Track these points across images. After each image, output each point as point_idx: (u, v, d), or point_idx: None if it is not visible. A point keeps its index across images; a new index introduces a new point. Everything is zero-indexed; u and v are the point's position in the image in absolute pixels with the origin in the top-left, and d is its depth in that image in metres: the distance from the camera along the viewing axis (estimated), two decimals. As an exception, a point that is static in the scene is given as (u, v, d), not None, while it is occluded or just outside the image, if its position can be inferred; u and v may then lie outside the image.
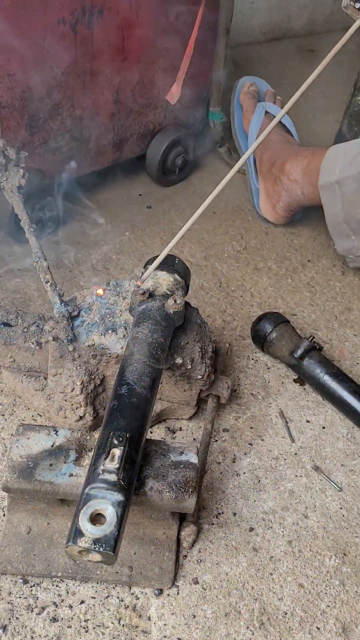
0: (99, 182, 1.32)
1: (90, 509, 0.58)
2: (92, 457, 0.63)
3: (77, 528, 0.56)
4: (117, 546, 0.56)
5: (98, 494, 0.59)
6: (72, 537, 0.56)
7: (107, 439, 0.62)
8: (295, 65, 1.98)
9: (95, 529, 0.56)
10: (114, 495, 0.59)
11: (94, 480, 0.59)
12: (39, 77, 1.03)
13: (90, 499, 0.58)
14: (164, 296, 0.80)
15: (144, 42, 1.15)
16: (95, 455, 0.62)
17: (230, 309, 1.10)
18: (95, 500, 0.58)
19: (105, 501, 0.58)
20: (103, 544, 0.55)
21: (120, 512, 0.58)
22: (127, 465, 0.61)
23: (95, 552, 0.55)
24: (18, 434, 0.71)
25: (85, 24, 1.04)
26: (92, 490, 0.59)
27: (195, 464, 0.70)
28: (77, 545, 0.55)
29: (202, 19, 1.15)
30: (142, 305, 0.79)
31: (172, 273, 0.83)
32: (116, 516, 0.57)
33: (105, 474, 0.60)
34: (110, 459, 0.61)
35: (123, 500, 0.59)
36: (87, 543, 0.55)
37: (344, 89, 1.40)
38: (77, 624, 0.68)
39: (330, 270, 1.20)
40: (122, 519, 0.58)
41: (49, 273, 0.82)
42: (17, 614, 0.68)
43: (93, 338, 0.82)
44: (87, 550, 0.55)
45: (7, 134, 1.04)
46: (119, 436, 0.62)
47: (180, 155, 1.32)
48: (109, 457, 0.61)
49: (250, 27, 2.05)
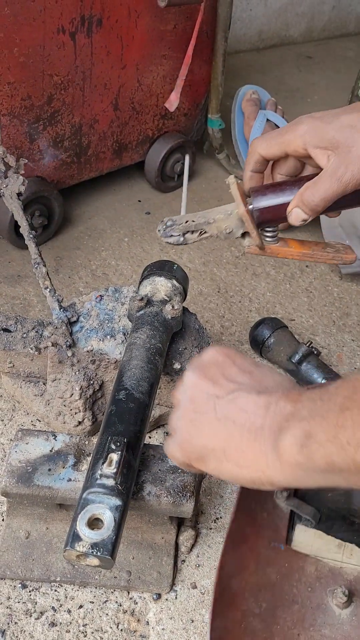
0: (98, 188, 1.33)
1: (88, 514, 0.58)
2: (90, 462, 0.64)
3: (74, 532, 0.57)
4: (114, 551, 0.56)
5: (96, 499, 0.59)
6: (70, 541, 0.56)
7: (105, 444, 0.63)
8: (293, 72, 2.00)
9: (93, 533, 0.56)
10: (111, 499, 0.59)
11: (92, 485, 0.60)
12: (39, 85, 1.04)
13: (88, 504, 0.59)
14: (162, 302, 0.81)
15: (143, 50, 1.16)
16: (93, 461, 0.63)
17: (228, 314, 1.10)
18: (93, 505, 0.58)
19: (103, 506, 0.58)
20: (100, 548, 0.56)
21: (118, 516, 0.58)
22: (125, 470, 0.61)
23: (93, 556, 0.56)
24: (17, 439, 0.71)
25: (85, 32, 1.05)
26: (90, 495, 0.59)
27: (193, 469, 0.71)
28: (74, 549, 0.56)
29: (201, 27, 1.16)
30: (140, 311, 0.79)
31: (170, 279, 0.83)
32: (114, 521, 0.58)
33: (103, 478, 0.60)
34: (108, 463, 0.61)
35: (121, 504, 0.59)
36: (84, 547, 0.56)
37: (343, 96, 1.41)
38: (75, 628, 0.68)
39: (328, 276, 1.21)
40: (120, 524, 0.58)
41: (48, 279, 0.83)
42: (16, 618, 0.68)
43: (92, 343, 0.82)
44: (84, 555, 0.56)
45: (7, 141, 1.05)
46: (116, 441, 0.63)
47: (179, 162, 1.33)
48: (107, 462, 0.61)
49: (249, 35, 2.06)
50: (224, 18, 1.24)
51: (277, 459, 0.48)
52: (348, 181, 0.60)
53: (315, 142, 0.62)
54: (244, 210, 0.66)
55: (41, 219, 1.15)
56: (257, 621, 0.65)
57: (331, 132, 0.61)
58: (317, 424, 0.46)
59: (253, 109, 1.34)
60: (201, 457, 0.54)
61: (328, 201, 0.62)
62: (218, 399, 0.54)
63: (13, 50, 0.98)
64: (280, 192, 0.66)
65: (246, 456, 0.51)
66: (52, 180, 1.16)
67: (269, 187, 0.68)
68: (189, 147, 1.34)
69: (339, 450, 0.44)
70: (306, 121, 0.63)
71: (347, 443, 0.43)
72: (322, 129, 0.61)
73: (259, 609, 0.65)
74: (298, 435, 0.47)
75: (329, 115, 0.62)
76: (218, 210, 0.68)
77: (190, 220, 0.68)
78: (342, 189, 0.61)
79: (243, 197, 0.67)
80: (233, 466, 0.52)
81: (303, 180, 0.65)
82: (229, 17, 1.25)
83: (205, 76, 1.31)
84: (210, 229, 0.68)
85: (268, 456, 0.49)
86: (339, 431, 0.44)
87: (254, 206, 0.66)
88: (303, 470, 0.48)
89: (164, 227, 0.68)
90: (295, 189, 0.65)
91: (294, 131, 0.63)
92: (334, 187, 0.61)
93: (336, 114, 0.62)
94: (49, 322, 0.85)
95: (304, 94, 1.84)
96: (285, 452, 0.48)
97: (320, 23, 2.22)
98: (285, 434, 0.48)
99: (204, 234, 0.68)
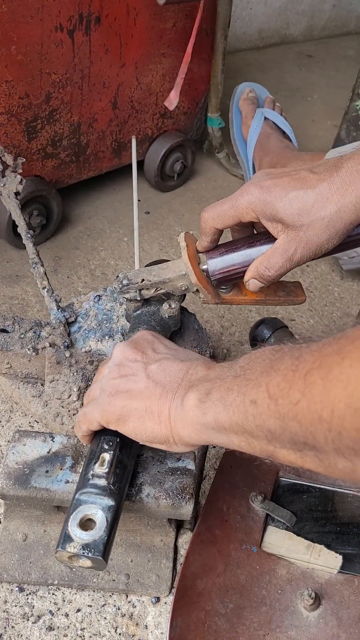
0: (97, 187, 1.32)
1: (80, 514, 0.57)
2: (84, 463, 0.63)
3: (66, 533, 0.56)
4: (106, 551, 0.55)
5: (88, 499, 0.58)
6: (62, 542, 0.55)
7: (98, 444, 0.62)
8: (293, 71, 1.99)
9: (84, 534, 0.56)
10: (104, 500, 0.58)
11: (84, 486, 0.59)
12: (37, 84, 1.04)
13: (80, 504, 0.58)
14: (159, 301, 0.80)
15: (142, 48, 1.15)
16: (87, 461, 0.62)
17: (228, 314, 1.09)
18: (85, 506, 0.58)
19: (95, 506, 0.58)
20: (92, 549, 0.55)
21: (110, 517, 0.57)
22: (118, 470, 0.61)
23: (84, 557, 0.55)
24: (14, 440, 0.71)
25: (83, 30, 1.05)
26: (82, 495, 0.59)
27: (192, 471, 0.70)
28: (66, 550, 0.55)
29: (200, 25, 1.15)
30: (138, 310, 0.79)
31: None
32: (106, 521, 0.57)
33: (95, 478, 0.59)
34: (100, 463, 0.61)
35: (113, 505, 0.58)
36: (75, 548, 0.55)
37: (343, 95, 1.40)
38: (73, 632, 0.68)
39: (329, 276, 1.20)
40: (113, 524, 0.57)
41: (45, 279, 0.82)
42: (13, 622, 0.68)
43: (90, 344, 0.81)
44: (76, 556, 0.55)
45: (4, 139, 1.04)
46: (109, 441, 0.62)
47: (178, 161, 1.32)
48: (99, 461, 0.61)
49: (249, 33, 2.05)
50: (224, 16, 1.23)
51: (182, 413, 0.55)
52: (298, 260, 0.64)
53: (264, 217, 0.64)
54: (196, 280, 0.70)
55: (39, 218, 1.14)
56: (223, 621, 0.66)
57: (280, 211, 0.62)
58: (216, 386, 0.53)
59: (250, 107, 1.34)
60: (122, 417, 0.59)
61: (281, 274, 0.66)
62: (145, 364, 0.61)
63: (11, 48, 0.97)
64: (234, 253, 0.70)
65: (163, 413, 0.57)
66: (51, 179, 1.15)
67: (222, 249, 0.71)
68: (188, 146, 1.33)
69: (223, 409, 0.51)
70: (254, 193, 0.63)
71: (230, 404, 0.50)
72: (272, 205, 0.62)
73: (225, 609, 0.66)
74: (200, 392, 0.54)
75: (278, 189, 0.62)
76: (172, 269, 0.72)
77: (147, 280, 0.72)
78: (292, 266, 0.65)
79: (194, 260, 0.71)
80: (153, 424, 0.57)
81: (254, 241, 0.69)
82: (228, 15, 1.24)
83: (205, 75, 1.31)
84: (166, 287, 0.73)
85: (177, 410, 0.56)
86: (227, 393, 0.51)
87: (209, 269, 0.71)
88: (200, 426, 0.54)
89: (120, 286, 0.73)
90: (249, 248, 0.68)
91: (244, 202, 0.64)
92: (285, 265, 0.64)
93: (285, 187, 0.62)
94: (46, 323, 0.84)
95: (305, 93, 1.83)
96: (187, 407, 0.54)
97: (320, 22, 2.21)
98: (192, 392, 0.55)
99: (160, 290, 0.73)
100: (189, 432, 0.55)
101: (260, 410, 0.47)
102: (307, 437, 0.43)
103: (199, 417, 0.53)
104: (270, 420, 0.46)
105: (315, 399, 0.41)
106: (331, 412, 0.40)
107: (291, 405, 0.43)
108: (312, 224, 0.61)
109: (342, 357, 0.40)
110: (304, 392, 0.42)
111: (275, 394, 0.45)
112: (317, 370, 0.42)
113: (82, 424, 0.64)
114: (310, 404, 0.42)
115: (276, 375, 0.46)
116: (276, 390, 0.45)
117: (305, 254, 0.63)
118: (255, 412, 0.47)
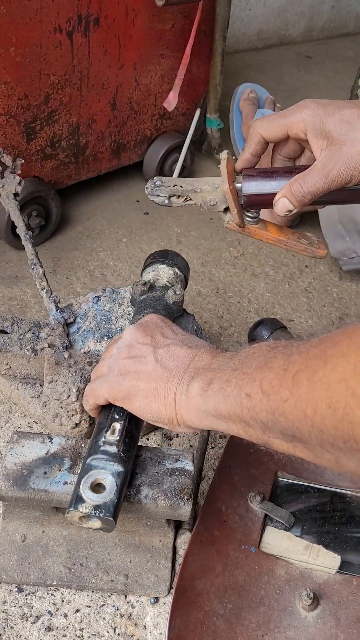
0: (96, 188, 1.32)
1: (91, 478, 0.60)
2: (93, 433, 0.66)
3: (78, 495, 0.59)
4: (116, 513, 0.58)
5: (99, 464, 0.61)
6: (74, 503, 0.58)
7: (109, 414, 0.65)
8: (292, 71, 1.99)
9: (96, 495, 0.59)
10: (114, 466, 0.61)
11: (95, 452, 0.62)
12: (36, 85, 1.04)
13: (92, 469, 0.61)
14: (164, 287, 0.83)
15: (141, 49, 1.16)
16: (97, 430, 0.65)
17: (227, 315, 1.09)
18: (96, 471, 0.61)
19: (106, 472, 0.61)
20: (103, 510, 0.58)
21: (120, 482, 0.60)
22: (127, 439, 0.64)
23: (95, 517, 0.57)
24: (12, 441, 0.71)
25: (82, 32, 1.05)
26: (94, 460, 0.62)
27: (191, 471, 0.70)
28: (78, 510, 0.57)
29: (199, 26, 1.15)
30: (143, 295, 0.81)
31: (172, 267, 0.86)
32: (116, 485, 0.60)
33: (106, 445, 0.62)
34: (111, 432, 0.64)
35: (122, 471, 0.61)
36: (87, 509, 0.58)
37: (342, 95, 1.40)
38: (72, 633, 0.68)
39: (328, 276, 1.20)
40: (122, 489, 0.60)
41: (44, 280, 0.82)
42: (12, 622, 0.68)
43: (89, 345, 0.81)
44: (87, 517, 0.58)
45: (4, 141, 1.04)
46: (119, 411, 0.65)
47: (177, 162, 1.33)
48: (110, 430, 0.64)
49: (248, 34, 2.06)
50: (223, 17, 1.23)
51: (187, 399, 0.58)
52: (334, 178, 0.62)
53: (314, 130, 0.63)
54: (228, 189, 0.67)
55: (38, 219, 1.14)
56: (221, 621, 0.66)
57: (330, 124, 0.62)
58: (217, 376, 0.56)
59: (251, 108, 1.34)
60: (129, 396, 0.62)
61: (315, 195, 0.64)
62: (154, 348, 0.63)
63: (9, 50, 0.97)
64: (271, 179, 0.67)
65: (169, 396, 0.60)
66: (50, 180, 1.16)
67: (261, 172, 0.68)
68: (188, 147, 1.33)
69: (223, 399, 0.54)
70: (310, 106, 0.64)
71: (228, 395, 0.53)
72: (323, 118, 0.63)
73: (223, 609, 0.67)
74: (203, 381, 0.57)
75: (332, 106, 0.63)
76: (206, 181, 0.70)
77: (179, 185, 0.70)
78: (327, 186, 0.63)
79: (230, 175, 0.67)
80: (159, 405, 0.61)
81: (294, 170, 0.66)
82: (227, 16, 1.24)
83: (204, 76, 1.31)
84: (196, 198, 0.70)
85: (182, 396, 0.59)
86: (226, 385, 0.54)
87: (243, 189, 0.68)
88: (202, 412, 0.57)
89: (152, 186, 0.71)
90: (285, 179, 0.66)
91: (297, 114, 0.64)
92: (321, 182, 0.63)
93: (339, 107, 0.63)
94: (45, 324, 0.84)
95: (304, 94, 1.84)
96: (191, 394, 0.58)
97: (319, 22, 2.22)
98: (196, 380, 0.58)
99: (188, 201, 0.71)
100: (192, 417, 0.59)
101: (254, 404, 0.51)
102: (295, 432, 0.47)
103: (201, 405, 0.57)
104: (263, 414, 0.50)
105: (301, 398, 0.45)
106: (314, 411, 0.44)
107: (281, 402, 0.47)
108: (358, 139, 0.61)
109: (324, 360, 0.44)
110: (292, 390, 0.46)
111: (267, 390, 0.49)
112: (304, 371, 0.46)
113: (89, 398, 0.67)
114: (297, 402, 0.46)
115: (269, 372, 0.50)
116: (268, 386, 0.49)
117: (343, 172, 0.62)
118: (250, 405, 0.51)
